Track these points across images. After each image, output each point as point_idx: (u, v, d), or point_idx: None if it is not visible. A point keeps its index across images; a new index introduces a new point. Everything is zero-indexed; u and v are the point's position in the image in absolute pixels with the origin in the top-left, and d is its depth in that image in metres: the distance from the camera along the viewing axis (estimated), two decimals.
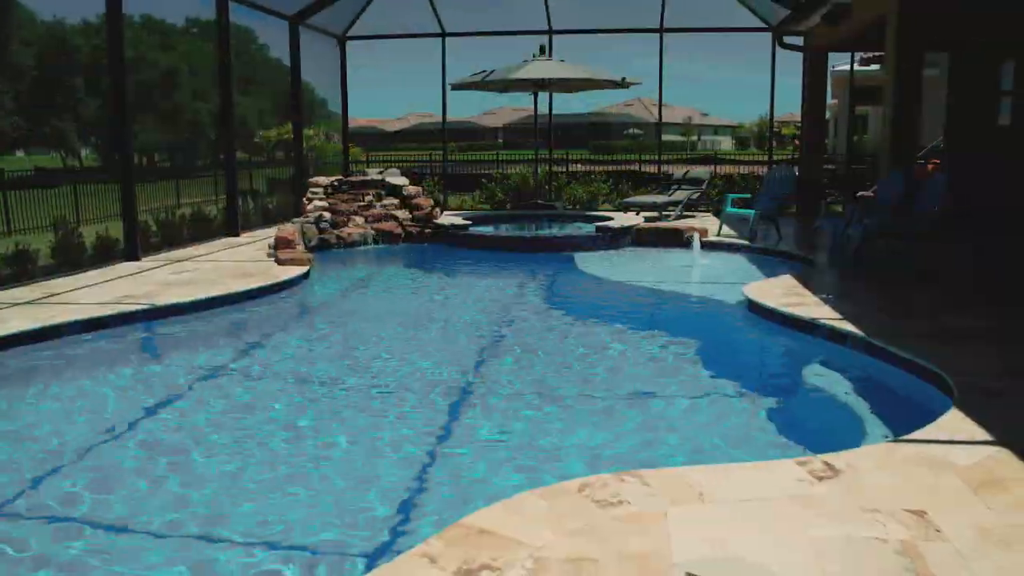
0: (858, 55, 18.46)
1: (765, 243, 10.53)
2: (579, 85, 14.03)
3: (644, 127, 59.90)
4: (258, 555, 3.22)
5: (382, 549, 3.22)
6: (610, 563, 2.67)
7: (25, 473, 4.02)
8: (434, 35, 15.40)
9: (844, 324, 5.92)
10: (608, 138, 54.82)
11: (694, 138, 61.76)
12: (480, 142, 54.82)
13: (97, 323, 6.52)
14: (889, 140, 9.47)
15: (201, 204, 14.32)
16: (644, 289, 8.96)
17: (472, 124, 63.48)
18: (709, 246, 10.61)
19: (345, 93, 16.00)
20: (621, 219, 12.27)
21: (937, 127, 13.91)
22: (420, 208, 12.09)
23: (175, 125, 38.88)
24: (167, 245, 10.66)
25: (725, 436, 4.48)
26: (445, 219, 12.50)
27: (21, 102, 34.83)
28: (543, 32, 14.95)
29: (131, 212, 9.62)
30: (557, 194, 15.66)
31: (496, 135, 63.29)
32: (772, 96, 15.23)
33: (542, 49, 13.76)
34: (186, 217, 11.76)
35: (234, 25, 12.04)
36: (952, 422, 3.93)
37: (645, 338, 6.78)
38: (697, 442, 4.39)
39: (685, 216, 12.91)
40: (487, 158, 26.10)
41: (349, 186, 12.13)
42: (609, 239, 11.27)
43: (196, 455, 4.27)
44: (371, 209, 11.93)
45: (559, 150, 19.78)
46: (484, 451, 4.31)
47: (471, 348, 6.52)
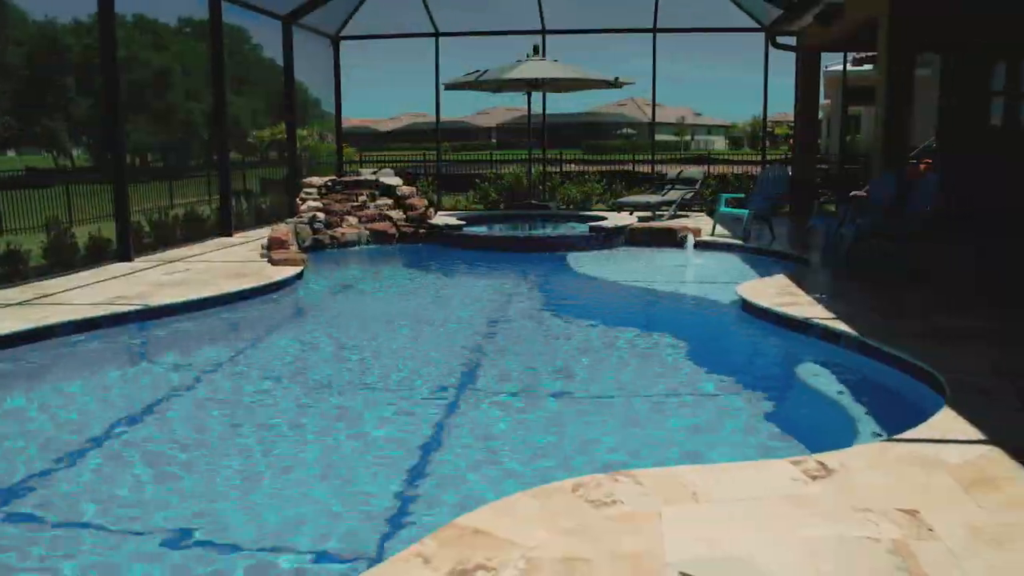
0: (851, 55, 18.51)
1: (759, 243, 10.55)
2: (572, 85, 14.04)
3: (637, 127, 60.05)
4: (249, 554, 3.21)
5: (375, 549, 3.22)
6: (603, 563, 2.68)
7: (15, 475, 4.01)
8: (428, 35, 15.40)
9: (837, 323, 5.94)
10: (601, 138, 54.84)
11: (687, 138, 61.83)
12: (474, 142, 54.88)
13: (90, 324, 6.50)
14: (881, 140, 9.52)
15: (194, 204, 14.29)
16: (638, 289, 8.97)
17: (466, 124, 63.48)
18: (703, 246, 10.63)
19: (339, 93, 16.00)
20: (615, 219, 12.28)
21: (929, 127, 13.97)
22: (414, 208, 12.08)
23: (168, 125, 38.73)
24: (160, 245, 10.63)
25: (718, 435, 4.49)
26: (439, 219, 12.49)
27: (12, 102, 34.70)
28: (536, 32, 14.97)
29: (124, 212, 9.58)
30: (551, 194, 15.67)
31: (490, 135, 63.33)
32: (765, 96, 15.34)
33: (536, 49, 13.77)
34: (179, 217, 11.73)
35: (227, 25, 12.02)
36: (944, 421, 3.94)
37: (638, 338, 6.78)
38: (690, 442, 4.40)
39: (679, 216, 12.93)
40: (481, 158, 26.07)
41: (343, 186, 12.11)
42: (603, 239, 11.28)
43: (183, 455, 4.26)
44: (365, 209, 11.91)
45: (553, 150, 19.80)
46: (476, 451, 4.30)
47: (465, 348, 6.51)
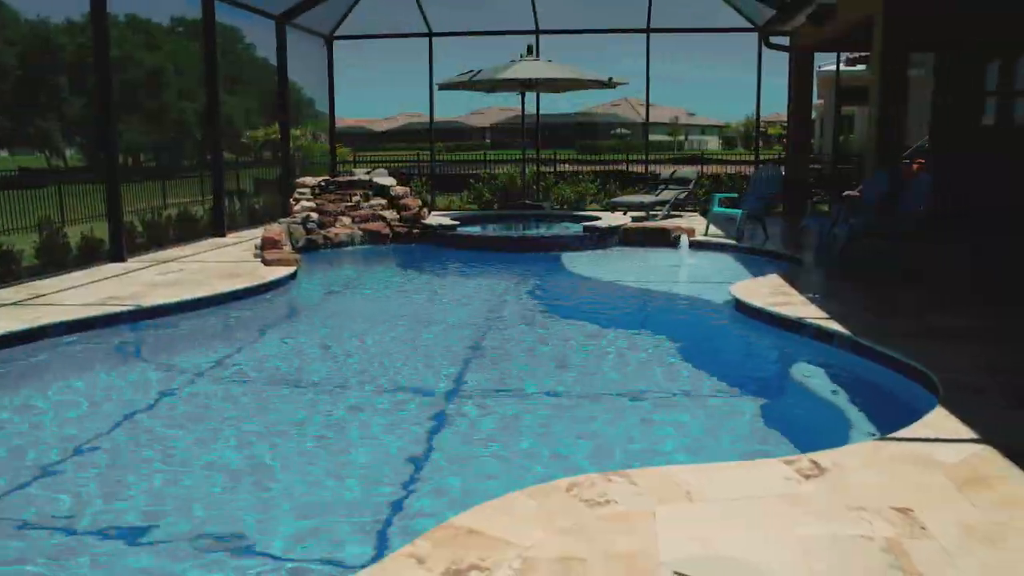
0: (844, 55, 18.58)
1: (752, 242, 10.57)
2: (566, 85, 14.05)
3: (631, 127, 60.05)
4: (242, 554, 3.21)
5: (369, 550, 3.21)
6: (598, 562, 2.68)
7: (15, 474, 3.99)
8: (422, 35, 15.38)
9: (831, 323, 5.95)
10: (595, 138, 54.89)
11: (681, 138, 61.94)
12: (468, 142, 54.84)
13: (83, 324, 6.47)
14: (875, 140, 9.54)
15: (187, 204, 14.21)
16: (632, 289, 8.97)
17: (460, 124, 63.46)
18: (696, 245, 10.64)
19: (332, 93, 15.96)
20: (609, 219, 12.29)
21: (921, 127, 14.00)
22: (408, 208, 12.07)
23: (161, 125, 38.67)
24: (153, 246, 10.59)
25: (712, 435, 4.50)
26: (433, 219, 12.48)
27: (4, 102, 34.58)
28: (530, 32, 14.95)
29: (116, 212, 9.54)
30: (545, 194, 15.66)
31: (484, 135, 63.26)
32: (758, 96, 15.38)
33: (529, 49, 13.76)
34: (172, 218, 11.69)
35: (220, 24, 11.97)
36: (937, 420, 3.96)
37: (632, 337, 6.79)
38: (684, 441, 4.40)
39: (672, 216, 12.94)
40: (475, 158, 26.03)
41: (336, 186, 12.09)
42: (597, 239, 11.29)
43: (177, 454, 4.25)
44: (359, 209, 11.89)
45: (546, 150, 19.76)
46: (470, 450, 4.30)
47: (458, 348, 6.50)
